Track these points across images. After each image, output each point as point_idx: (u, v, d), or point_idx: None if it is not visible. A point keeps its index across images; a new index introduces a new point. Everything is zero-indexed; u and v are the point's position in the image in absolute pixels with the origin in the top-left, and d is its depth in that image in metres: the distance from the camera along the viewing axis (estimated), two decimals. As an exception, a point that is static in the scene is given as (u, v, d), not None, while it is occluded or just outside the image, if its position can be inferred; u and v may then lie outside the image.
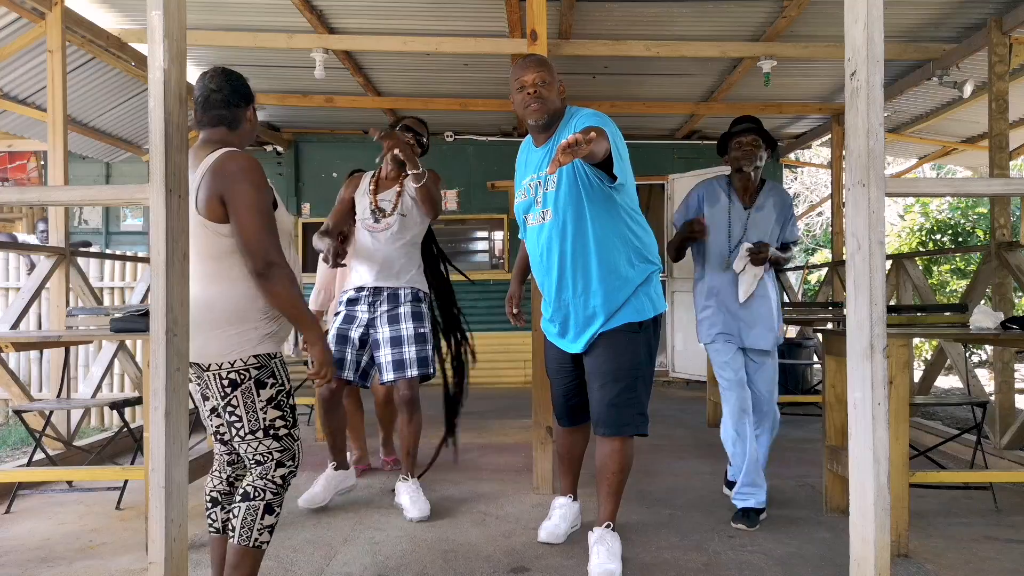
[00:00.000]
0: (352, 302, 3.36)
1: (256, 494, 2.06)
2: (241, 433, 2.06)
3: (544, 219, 2.62)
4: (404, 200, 3.35)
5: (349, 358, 3.32)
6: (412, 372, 3.26)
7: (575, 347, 2.68)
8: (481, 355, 7.81)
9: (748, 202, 3.23)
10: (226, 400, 2.05)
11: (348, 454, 3.64)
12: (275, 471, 2.08)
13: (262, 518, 2.05)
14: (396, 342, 3.26)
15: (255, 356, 2.05)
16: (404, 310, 3.30)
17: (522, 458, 4.26)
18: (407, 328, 3.27)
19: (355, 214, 3.43)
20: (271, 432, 2.06)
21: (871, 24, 1.85)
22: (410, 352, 3.26)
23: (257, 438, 2.06)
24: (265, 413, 2.05)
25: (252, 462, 2.09)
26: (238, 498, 2.07)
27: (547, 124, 2.61)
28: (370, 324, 3.33)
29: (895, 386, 2.70)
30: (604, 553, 2.53)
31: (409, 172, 3.15)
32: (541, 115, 2.57)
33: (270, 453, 2.07)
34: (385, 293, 3.32)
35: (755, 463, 3.10)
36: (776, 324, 3.22)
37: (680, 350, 7.55)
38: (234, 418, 2.05)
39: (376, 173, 3.48)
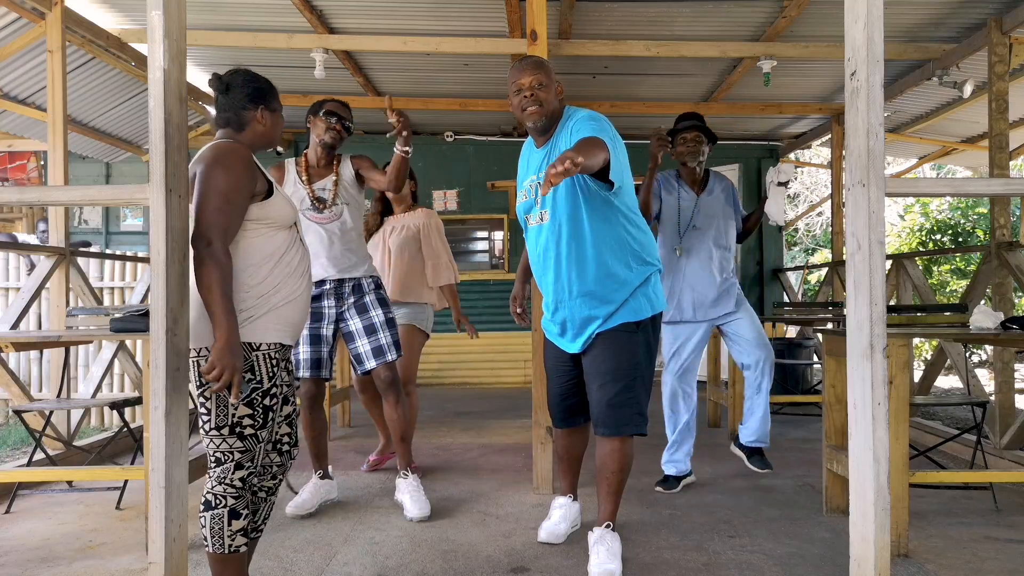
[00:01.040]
0: (315, 299, 3.28)
1: (218, 502, 2.01)
2: (206, 428, 2.02)
3: (542, 220, 2.63)
4: (343, 188, 3.30)
5: (325, 356, 3.32)
6: (392, 356, 3.28)
7: (573, 347, 2.69)
8: (481, 355, 7.89)
9: (698, 191, 3.60)
10: (200, 391, 2.01)
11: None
12: (234, 473, 2.02)
13: (229, 524, 2.01)
14: (371, 330, 3.27)
15: None
16: (370, 298, 3.31)
17: (522, 458, 4.26)
18: (378, 315, 3.28)
19: None
20: (236, 431, 2.01)
21: (871, 24, 1.85)
22: (386, 337, 3.27)
23: (221, 435, 2.00)
24: (235, 409, 2.00)
25: (211, 460, 2.04)
26: (201, 507, 2.04)
27: (546, 126, 2.62)
28: (339, 318, 3.31)
29: (895, 386, 2.70)
30: (604, 553, 2.53)
31: (400, 149, 3.10)
32: (539, 118, 2.58)
33: (231, 452, 2.01)
34: (349, 285, 3.30)
35: (688, 432, 3.60)
36: (731, 289, 3.58)
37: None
38: (203, 410, 2.01)
39: (303, 162, 3.36)
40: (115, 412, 3.57)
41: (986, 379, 7.68)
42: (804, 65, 5.70)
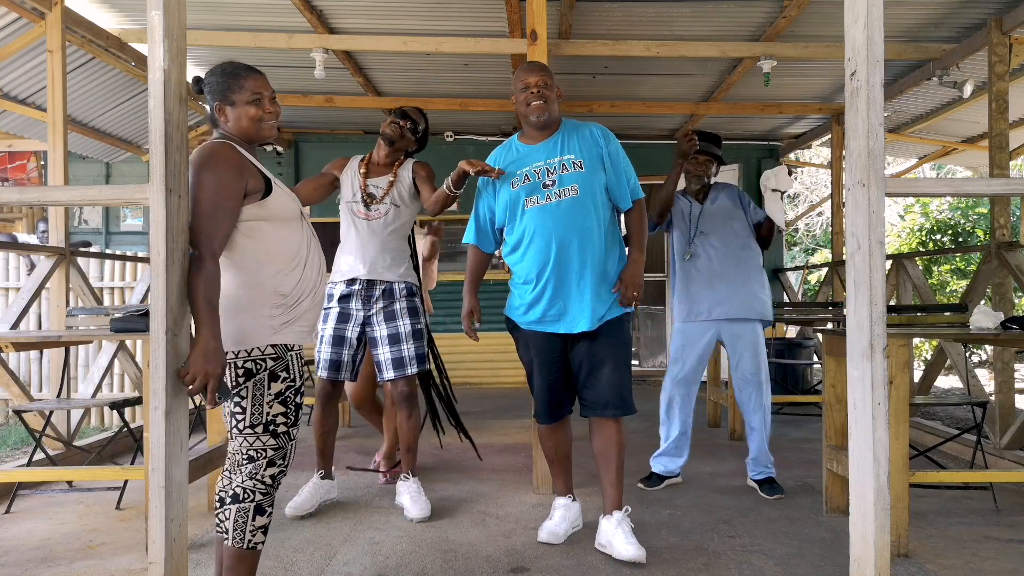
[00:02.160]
0: (345, 298, 3.28)
1: (246, 495, 2.03)
2: (240, 426, 2.03)
3: (562, 196, 2.72)
4: (398, 190, 3.29)
5: (346, 360, 3.29)
6: (412, 370, 3.25)
7: (580, 325, 2.72)
8: (481, 355, 7.89)
9: (701, 200, 3.72)
10: (235, 390, 2.03)
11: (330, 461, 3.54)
12: (265, 470, 2.04)
13: (253, 519, 2.02)
14: (394, 339, 3.23)
15: (272, 346, 2.03)
16: (400, 306, 3.27)
17: (522, 458, 4.26)
18: (404, 325, 3.25)
19: (333, 195, 3.39)
20: (270, 428, 2.04)
21: (871, 24, 1.85)
22: (409, 350, 3.24)
23: (255, 433, 2.03)
24: (271, 407, 2.03)
25: (244, 457, 2.04)
26: (228, 499, 2.04)
27: (546, 123, 2.80)
28: (366, 322, 3.28)
29: (895, 386, 2.70)
30: (630, 535, 2.67)
31: (448, 187, 2.97)
32: (543, 112, 2.76)
33: (264, 450, 2.04)
34: (380, 288, 3.26)
35: (683, 437, 3.66)
36: (760, 295, 3.56)
37: (680, 350, 7.53)
38: (238, 409, 2.03)
39: (367, 157, 3.40)
40: (115, 412, 3.57)
41: (986, 379, 7.68)
42: (804, 65, 5.70)
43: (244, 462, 2.05)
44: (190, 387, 1.88)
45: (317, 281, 2.15)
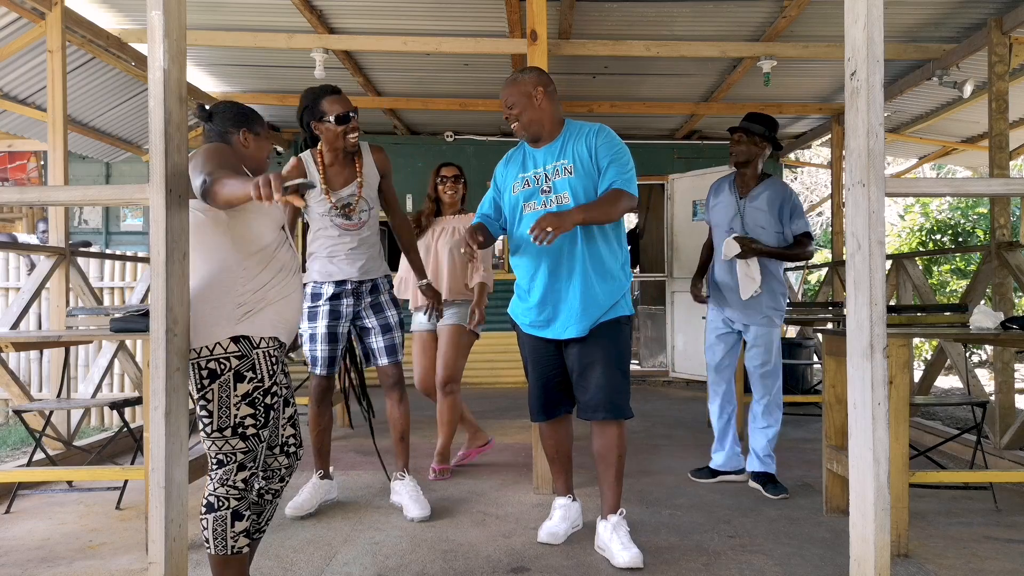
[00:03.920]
0: (335, 297, 3.28)
1: (220, 504, 2.01)
2: (207, 430, 2.02)
3: (557, 203, 2.72)
4: (367, 193, 3.29)
5: (340, 355, 3.38)
6: (402, 356, 3.38)
7: (568, 332, 2.72)
8: (481, 355, 7.88)
9: (743, 194, 3.56)
10: (201, 393, 2.01)
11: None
12: (236, 474, 2.02)
13: (232, 526, 2.01)
14: (387, 329, 3.34)
15: (234, 340, 2.00)
16: (385, 298, 3.37)
17: (522, 458, 4.26)
18: (392, 315, 3.37)
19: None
20: (239, 431, 2.01)
21: (871, 24, 1.86)
22: (398, 337, 3.37)
23: (224, 436, 2.01)
24: (237, 409, 2.01)
25: (214, 462, 2.04)
26: (203, 509, 2.03)
27: (534, 137, 2.80)
28: (355, 316, 3.34)
29: (895, 386, 2.70)
30: (625, 538, 2.66)
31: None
32: (520, 132, 2.80)
33: (234, 453, 2.02)
34: (367, 285, 3.34)
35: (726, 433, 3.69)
36: (773, 306, 3.52)
37: (680, 350, 7.54)
38: (204, 412, 2.01)
39: (319, 160, 3.25)
40: (115, 412, 3.57)
41: (986, 379, 7.68)
42: (804, 65, 5.70)
43: (214, 467, 2.04)
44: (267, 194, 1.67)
45: (287, 280, 2.14)
